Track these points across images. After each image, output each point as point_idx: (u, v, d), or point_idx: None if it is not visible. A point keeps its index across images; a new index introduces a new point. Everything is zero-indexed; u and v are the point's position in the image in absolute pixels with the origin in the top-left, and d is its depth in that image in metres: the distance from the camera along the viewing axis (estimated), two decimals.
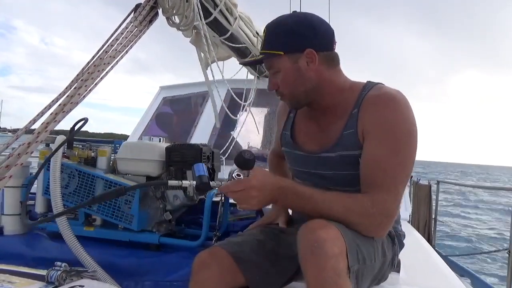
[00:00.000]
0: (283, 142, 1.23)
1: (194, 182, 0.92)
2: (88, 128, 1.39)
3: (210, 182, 0.92)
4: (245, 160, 0.90)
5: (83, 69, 1.42)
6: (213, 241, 1.33)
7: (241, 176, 0.90)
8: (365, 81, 1.12)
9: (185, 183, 0.94)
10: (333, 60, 1.10)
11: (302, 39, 1.05)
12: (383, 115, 1.00)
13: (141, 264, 1.22)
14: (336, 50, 1.13)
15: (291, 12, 1.11)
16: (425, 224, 4.77)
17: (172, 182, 0.96)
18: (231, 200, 1.44)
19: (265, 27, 1.10)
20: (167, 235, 1.38)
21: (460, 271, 3.98)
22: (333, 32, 1.11)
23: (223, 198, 1.43)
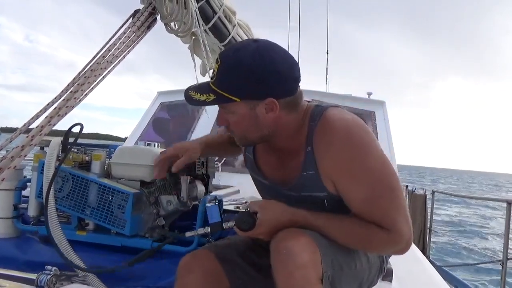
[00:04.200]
0: (248, 164, 1.18)
1: (209, 228, 1.00)
2: (73, 128, 1.40)
3: (223, 224, 0.99)
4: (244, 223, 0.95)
5: (79, 73, 1.43)
6: None
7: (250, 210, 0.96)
8: (313, 105, 1.04)
9: (200, 231, 1.02)
10: (296, 103, 1.00)
11: (264, 88, 0.93)
12: (342, 156, 0.94)
13: (132, 269, 1.22)
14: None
15: (254, 46, 0.94)
16: (420, 234, 4.78)
17: (189, 233, 1.05)
18: (224, 207, 1.44)
19: (220, 57, 0.96)
20: (160, 240, 1.37)
21: (454, 282, 3.98)
22: (299, 72, 1.00)
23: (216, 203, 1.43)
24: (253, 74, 0.92)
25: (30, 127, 1.33)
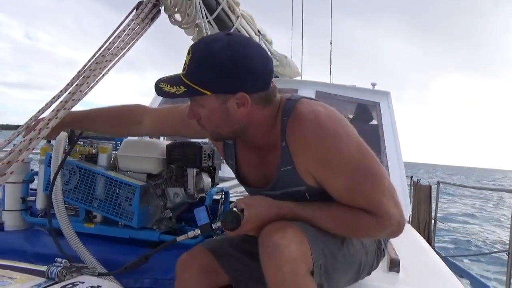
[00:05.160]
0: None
1: (199, 231, 1.01)
2: None
3: (213, 225, 0.99)
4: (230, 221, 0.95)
5: (84, 66, 1.42)
6: None
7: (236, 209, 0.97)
8: (285, 98, 1.02)
9: (190, 234, 1.03)
10: (269, 98, 0.97)
11: (236, 82, 0.91)
12: (316, 149, 0.93)
13: None
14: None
15: (227, 39, 0.92)
16: (425, 225, 4.78)
17: (180, 238, 1.05)
18: (231, 199, 1.44)
19: (192, 49, 0.93)
20: (168, 232, 1.38)
21: (460, 272, 3.99)
22: (272, 66, 0.98)
23: (223, 196, 1.44)
24: (224, 67, 0.90)
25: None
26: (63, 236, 1.25)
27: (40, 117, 1.30)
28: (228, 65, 0.90)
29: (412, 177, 5.30)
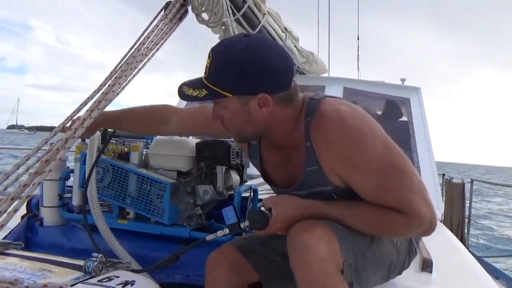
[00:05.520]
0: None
1: (227, 230, 1.03)
2: None
3: (241, 224, 1.01)
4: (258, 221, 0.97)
5: (116, 67, 1.46)
6: None
7: (263, 208, 0.99)
8: (308, 98, 1.01)
9: (219, 233, 1.06)
10: (291, 97, 0.98)
11: (256, 83, 0.92)
12: (340, 149, 0.92)
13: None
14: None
15: (246, 41, 0.93)
16: (458, 224, 4.62)
17: (209, 237, 1.08)
18: (260, 196, 1.45)
19: (212, 52, 0.95)
20: (198, 229, 1.40)
21: (495, 274, 3.83)
22: (292, 65, 0.99)
23: (251, 194, 1.44)
24: (244, 69, 0.90)
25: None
26: (98, 232, 1.29)
27: (75, 117, 1.35)
28: (247, 66, 0.90)
29: (444, 175, 5.14)
